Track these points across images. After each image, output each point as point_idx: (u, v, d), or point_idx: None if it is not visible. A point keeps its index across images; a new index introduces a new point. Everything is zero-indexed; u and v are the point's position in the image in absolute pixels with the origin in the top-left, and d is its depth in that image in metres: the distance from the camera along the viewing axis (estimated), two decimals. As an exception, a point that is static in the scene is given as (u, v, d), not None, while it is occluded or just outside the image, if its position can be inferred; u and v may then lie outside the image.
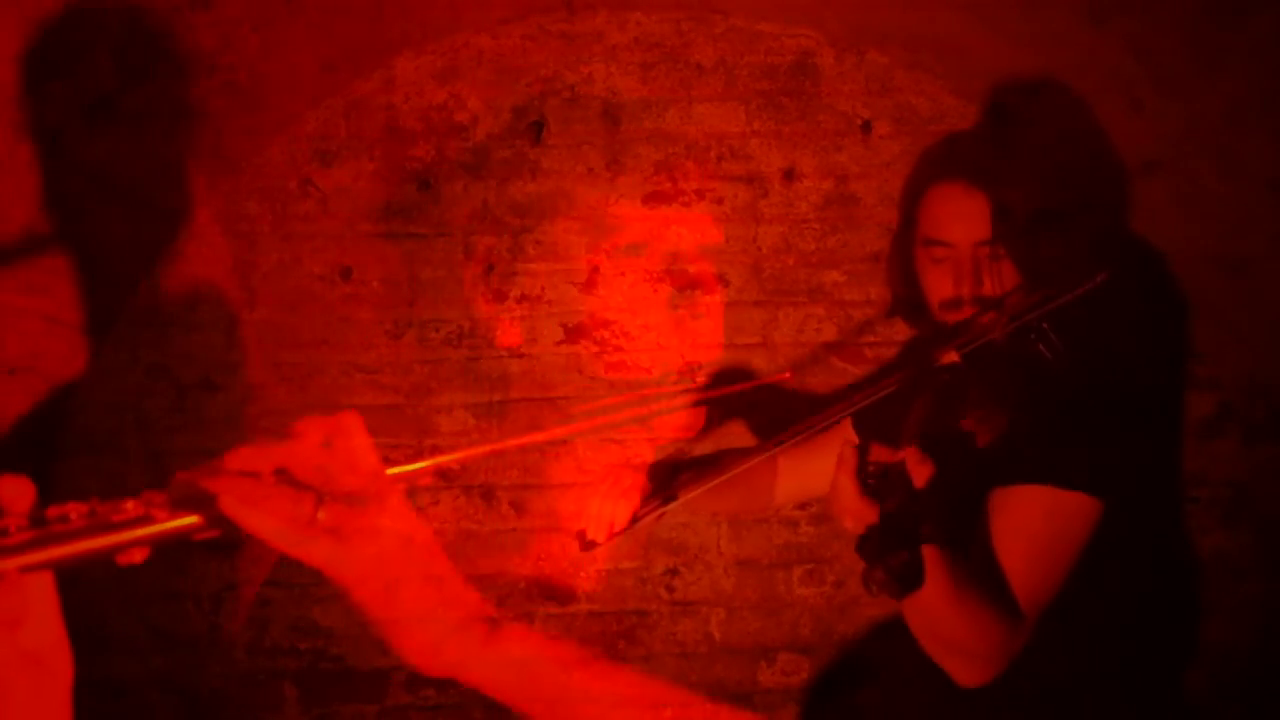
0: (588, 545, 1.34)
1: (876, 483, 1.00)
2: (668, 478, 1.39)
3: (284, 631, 2.15)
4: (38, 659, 0.58)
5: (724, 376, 0.81)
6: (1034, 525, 1.14)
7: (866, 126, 2.16)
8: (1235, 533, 2.14)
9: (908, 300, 1.43)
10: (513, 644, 0.65)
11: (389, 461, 0.67)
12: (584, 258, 2.19)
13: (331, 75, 2.15)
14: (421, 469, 0.70)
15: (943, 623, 1.07)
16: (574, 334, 2.19)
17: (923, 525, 0.97)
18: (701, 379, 0.76)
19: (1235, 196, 1.83)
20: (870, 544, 0.95)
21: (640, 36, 2.20)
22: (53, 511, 0.56)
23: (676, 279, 2.19)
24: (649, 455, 2.06)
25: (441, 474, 2.14)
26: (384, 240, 2.19)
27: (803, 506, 2.13)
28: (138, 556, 0.58)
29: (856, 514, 1.00)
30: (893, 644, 1.29)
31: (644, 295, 2.19)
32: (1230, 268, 1.96)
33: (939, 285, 1.31)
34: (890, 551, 0.94)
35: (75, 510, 0.57)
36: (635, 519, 1.32)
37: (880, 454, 1.03)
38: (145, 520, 0.58)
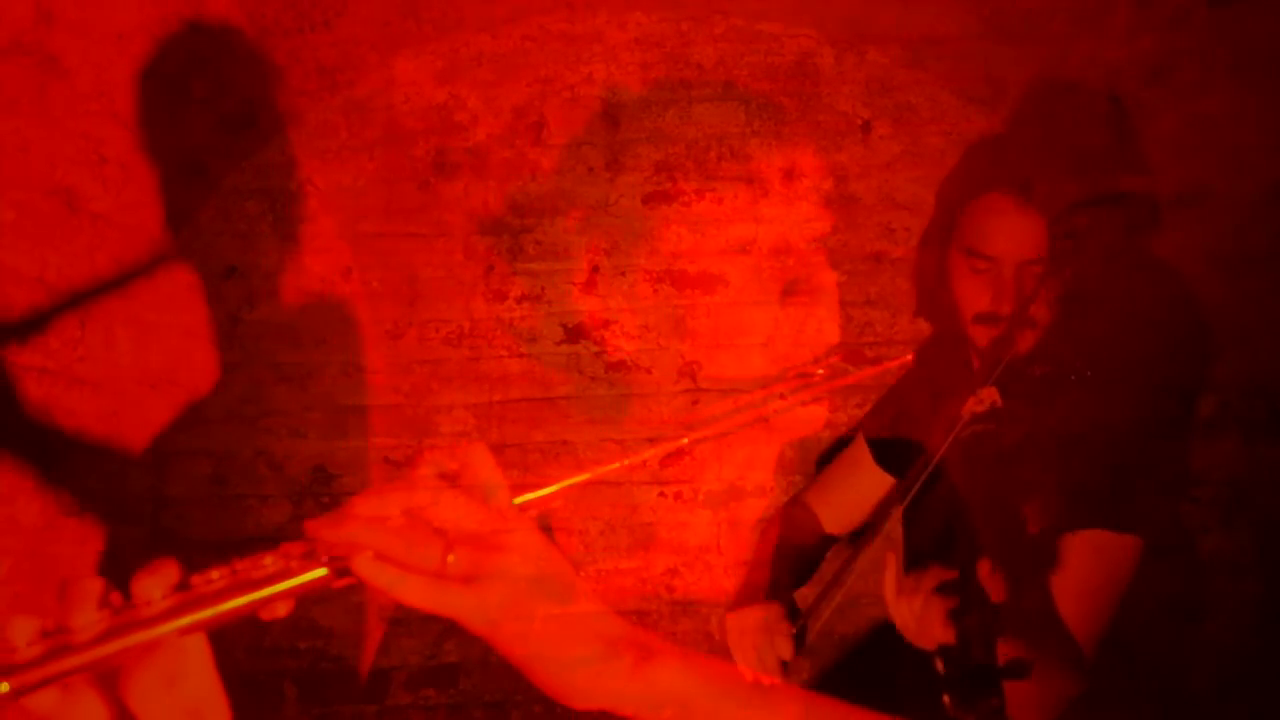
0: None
1: (948, 600, 0.93)
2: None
3: (284, 631, 2.15)
4: (197, 715, 0.60)
5: (842, 367, 0.79)
6: (1089, 570, 1.11)
7: (866, 126, 2.16)
8: (1235, 533, 2.14)
9: (935, 300, 1.39)
10: (667, 674, 0.62)
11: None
12: (584, 258, 2.19)
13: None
14: (550, 494, 0.68)
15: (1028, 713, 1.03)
16: (574, 334, 2.18)
17: (998, 642, 0.88)
18: (822, 372, 0.75)
19: (1239, 194, 1.84)
20: (954, 675, 0.86)
21: (640, 36, 2.19)
22: (197, 577, 0.59)
23: (676, 279, 2.19)
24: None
25: (442, 474, 2.14)
26: (384, 240, 2.19)
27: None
28: (281, 611, 0.60)
29: (926, 633, 0.93)
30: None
31: (644, 295, 2.19)
32: (1231, 267, 1.96)
33: (975, 297, 1.26)
34: (980, 694, 0.85)
35: (218, 572, 0.59)
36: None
37: (929, 555, 0.97)
38: (284, 574, 0.60)
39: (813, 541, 1.61)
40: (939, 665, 0.89)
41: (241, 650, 2.15)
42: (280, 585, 0.60)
